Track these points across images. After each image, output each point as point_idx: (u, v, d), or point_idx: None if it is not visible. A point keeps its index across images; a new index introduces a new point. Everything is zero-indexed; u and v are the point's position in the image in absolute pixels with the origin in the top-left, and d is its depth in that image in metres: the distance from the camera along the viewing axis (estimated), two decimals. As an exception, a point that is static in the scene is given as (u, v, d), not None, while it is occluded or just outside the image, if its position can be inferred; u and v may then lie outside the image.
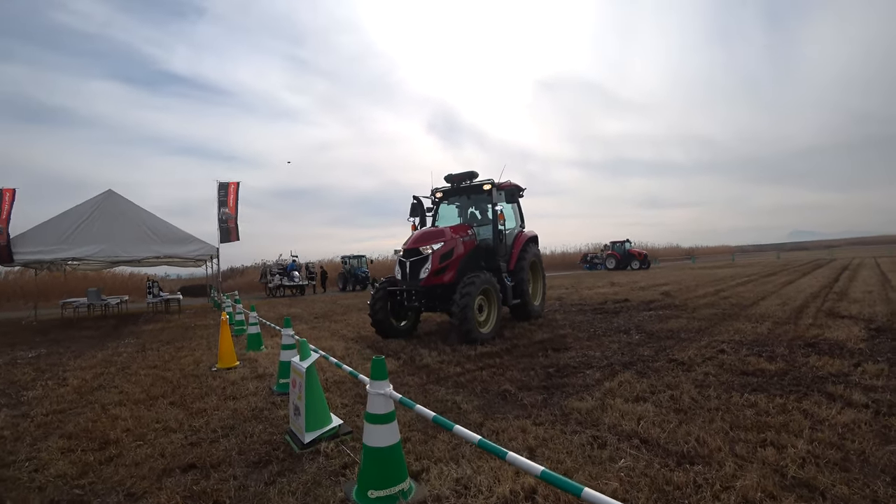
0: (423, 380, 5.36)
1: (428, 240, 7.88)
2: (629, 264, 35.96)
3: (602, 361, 5.99)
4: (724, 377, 5.07)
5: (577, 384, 4.98)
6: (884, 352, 5.91)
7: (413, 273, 7.80)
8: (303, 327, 10.88)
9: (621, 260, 36.53)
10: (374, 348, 7.45)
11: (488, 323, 7.79)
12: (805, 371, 5.19)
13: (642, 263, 35.74)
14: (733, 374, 5.16)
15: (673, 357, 6.05)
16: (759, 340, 6.90)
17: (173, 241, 14.83)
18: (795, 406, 4.05)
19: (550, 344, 7.22)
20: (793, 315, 9.15)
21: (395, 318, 8.46)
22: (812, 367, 5.31)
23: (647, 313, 10.35)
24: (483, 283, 7.48)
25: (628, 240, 38.05)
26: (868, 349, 6.09)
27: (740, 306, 10.80)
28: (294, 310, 16.34)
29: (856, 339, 6.71)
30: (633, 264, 35.80)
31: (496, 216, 8.65)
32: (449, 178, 9.41)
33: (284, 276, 26.77)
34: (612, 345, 7.01)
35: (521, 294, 9.17)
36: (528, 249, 9.77)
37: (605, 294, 15.50)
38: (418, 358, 6.49)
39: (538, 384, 5.04)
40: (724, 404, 4.18)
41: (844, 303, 10.59)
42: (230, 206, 18.42)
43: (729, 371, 5.31)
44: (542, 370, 5.62)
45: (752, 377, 5.06)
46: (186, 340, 9.78)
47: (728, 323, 8.55)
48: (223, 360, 6.66)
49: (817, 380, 4.83)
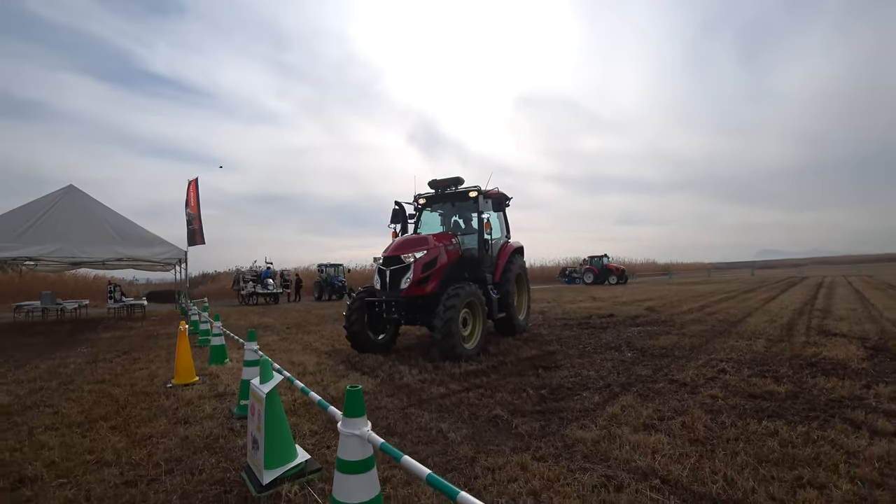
0: (403, 402, 4.78)
1: (410, 247, 7.35)
2: (607, 279, 36.11)
3: (598, 382, 5.53)
4: (733, 400, 4.66)
5: (575, 408, 4.49)
6: (888, 372, 5.70)
7: (393, 283, 7.24)
8: (273, 339, 10.16)
9: (599, 274, 36.68)
10: (349, 364, 6.81)
11: (473, 338, 7.27)
12: (816, 394, 4.87)
13: (619, 278, 35.89)
14: (742, 398, 4.77)
15: (673, 377, 5.63)
16: (758, 359, 6.59)
17: (138, 242, 13.85)
18: (820, 435, 3.67)
19: (540, 361, 6.73)
20: (784, 332, 8.91)
21: (373, 330, 7.85)
22: (822, 390, 4.99)
23: (635, 329, 9.99)
24: (468, 294, 6.97)
25: (606, 255, 38.31)
26: (872, 369, 5.87)
27: (728, 323, 10.55)
28: (266, 319, 15.53)
29: (856, 358, 6.48)
30: (611, 279, 35.94)
31: (482, 225, 8.17)
32: (433, 183, 8.92)
33: (258, 283, 25.77)
34: (605, 363, 6.56)
35: (507, 307, 8.68)
36: (513, 261, 9.31)
37: (588, 308, 15.15)
38: (397, 376, 5.90)
39: (532, 408, 4.53)
40: (743, 433, 3.75)
41: (831, 320, 10.44)
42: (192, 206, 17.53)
43: (736, 393, 4.92)
44: (535, 392, 5.11)
45: (762, 400, 4.68)
46: (145, 351, 8.98)
47: (720, 340, 8.23)
48: (180, 375, 5.97)
49: (832, 404, 4.50)
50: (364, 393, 5.28)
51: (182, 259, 15.56)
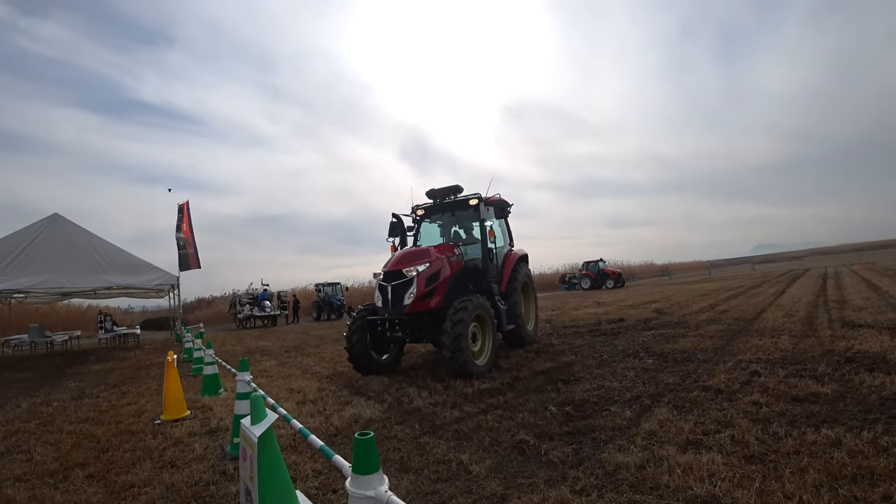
0: (415, 430, 4.30)
1: (412, 261, 6.91)
2: (604, 283, 35.87)
3: (625, 394, 5.08)
4: (777, 406, 4.23)
5: (606, 426, 4.04)
6: None
7: (396, 298, 6.78)
8: (271, 363, 9.65)
9: (596, 279, 36.46)
10: (353, 388, 6.31)
11: (483, 353, 6.80)
12: (865, 392, 4.45)
13: (616, 282, 35.62)
14: (786, 402, 4.34)
15: (705, 384, 5.19)
16: (788, 358, 6.17)
17: (128, 269, 13.32)
18: (890, 441, 3.24)
19: (557, 374, 6.27)
20: (807, 327, 8.50)
21: (376, 350, 7.36)
22: (871, 388, 4.57)
23: (649, 333, 9.55)
24: (476, 307, 6.52)
25: (602, 259, 38.23)
26: (915, 362, 5.43)
27: (744, 320, 10.12)
28: (263, 342, 15.01)
29: (892, 350, 6.08)
30: (608, 283, 35.68)
31: (485, 233, 7.76)
32: (431, 193, 8.51)
33: (255, 306, 25.21)
34: (627, 372, 6.11)
35: (515, 318, 8.23)
36: (519, 269, 8.89)
37: (596, 314, 14.70)
38: (406, 400, 5.41)
39: (559, 429, 4.07)
40: (802, 445, 3.32)
41: (850, 311, 10.05)
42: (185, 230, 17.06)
43: (779, 398, 4.49)
44: (559, 409, 4.65)
45: (809, 404, 4.25)
46: (135, 383, 8.47)
47: (742, 339, 7.80)
48: (170, 409, 5.48)
49: (887, 403, 4.09)
50: (371, 422, 4.82)
51: (174, 285, 15.04)
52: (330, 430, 4.42)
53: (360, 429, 4.41)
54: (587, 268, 38.10)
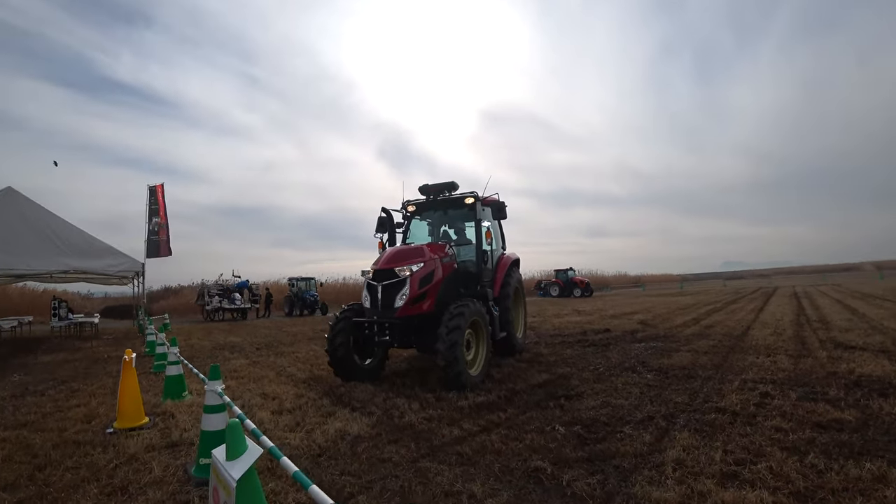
0: (411, 451, 3.79)
1: (405, 259, 6.39)
2: (572, 292, 36.80)
3: (635, 413, 4.69)
4: (804, 433, 3.93)
5: (627, 452, 3.62)
6: None
7: (386, 300, 6.22)
8: (241, 362, 8.96)
9: (564, 287, 37.35)
10: (335, 396, 5.72)
11: (477, 363, 6.31)
12: (889, 420, 4.22)
13: (584, 291, 36.55)
14: (811, 429, 4.07)
15: (717, 405, 4.87)
16: (793, 379, 5.95)
17: (88, 253, 12.31)
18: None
19: (556, 388, 5.86)
20: (799, 346, 8.36)
21: (359, 354, 6.81)
22: (890, 415, 4.35)
23: (639, 345, 9.29)
24: (473, 313, 6.04)
25: (571, 268, 39.19)
26: (925, 388, 5.26)
27: (733, 337, 9.97)
28: (233, 338, 14.18)
29: (894, 374, 5.95)
30: (576, 292, 36.59)
31: (481, 234, 7.30)
32: (425, 189, 8.00)
33: (224, 297, 24.13)
34: (629, 388, 5.75)
35: (507, 325, 7.79)
36: (512, 274, 8.46)
37: (579, 323, 14.43)
38: (396, 413, 4.88)
39: (574, 454, 3.64)
40: (848, 481, 3.03)
41: (836, 332, 10.00)
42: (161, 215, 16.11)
43: (802, 424, 4.21)
44: (568, 430, 4.22)
45: (836, 432, 3.97)
46: (88, 380, 7.70)
47: (738, 357, 7.58)
48: (125, 416, 4.81)
49: None
50: (360, 439, 4.11)
51: (139, 272, 14.11)
52: (313, 448, 3.86)
53: (348, 446, 3.88)
54: (557, 276, 39.06)
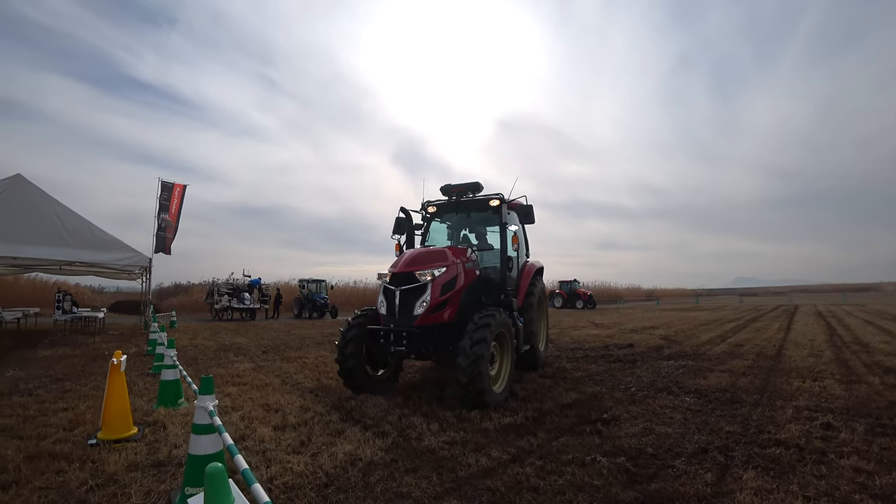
0: (433, 484, 3.24)
1: (426, 263, 5.86)
2: (574, 303, 37.17)
3: (683, 443, 4.12)
4: (890, 477, 3.36)
5: (688, 494, 3.07)
6: None
7: (404, 307, 5.67)
8: (245, 366, 8.49)
9: (567, 299, 37.61)
10: (344, 412, 5.17)
11: (500, 379, 5.74)
12: None
13: (587, 303, 36.82)
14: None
15: (776, 437, 4.31)
16: (852, 408, 5.36)
17: (96, 245, 11.88)
18: None
19: (588, 410, 5.28)
20: (844, 370, 7.72)
21: (371, 363, 6.28)
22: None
23: (668, 363, 8.67)
24: (499, 325, 5.47)
25: (576, 280, 39.35)
26: None
27: (767, 357, 9.31)
28: (239, 338, 13.77)
29: (968, 409, 5.26)
30: (578, 303, 36.92)
31: (507, 239, 6.77)
32: (447, 189, 7.49)
33: (234, 297, 23.81)
34: (670, 413, 5.16)
35: (531, 338, 7.23)
36: (536, 283, 7.92)
37: (599, 337, 13.80)
38: (413, 434, 4.34)
39: (626, 494, 3.07)
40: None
41: (880, 356, 9.28)
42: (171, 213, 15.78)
43: (882, 464, 3.67)
44: (611, 462, 3.66)
45: None
46: (83, 379, 7.27)
47: (780, 379, 6.97)
48: (110, 426, 4.31)
49: None
50: (373, 467, 3.35)
51: (146, 267, 13.73)
52: (319, 476, 3.31)
53: (360, 475, 3.34)
54: (561, 287, 39.25)
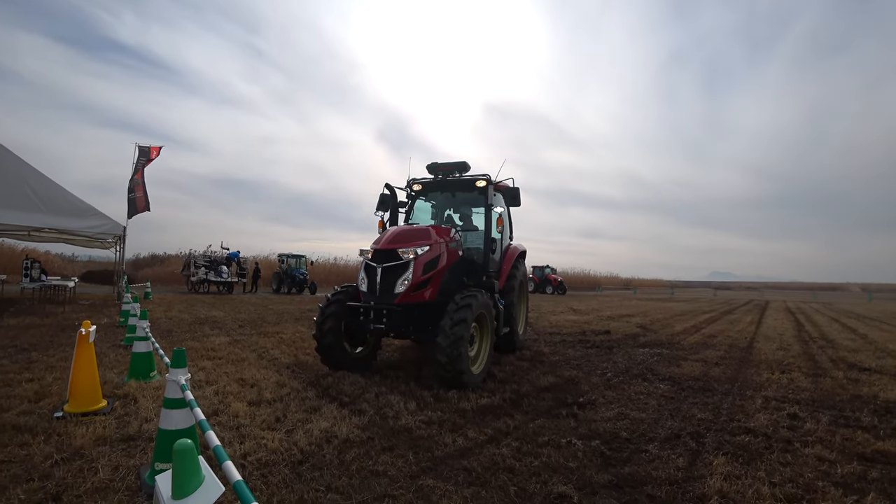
0: (409, 462, 3.24)
1: (409, 240, 5.81)
2: (545, 288, 38.25)
3: (657, 429, 4.21)
4: (852, 467, 3.49)
5: (660, 478, 3.13)
6: None
7: (385, 284, 5.64)
8: (221, 340, 8.37)
9: (539, 284, 38.48)
10: (320, 388, 5.15)
11: (479, 360, 5.76)
12: (938, 456, 3.78)
13: (556, 289, 38.15)
14: (858, 461, 3.63)
15: (745, 425, 4.43)
16: (818, 400, 5.54)
17: (67, 211, 11.52)
18: None
19: (565, 394, 5.35)
20: (811, 364, 7.97)
21: (349, 341, 6.24)
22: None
23: (643, 351, 8.84)
24: (480, 306, 5.48)
25: (548, 266, 40.35)
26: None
27: (738, 348, 9.56)
28: (216, 312, 13.55)
29: (926, 403, 5.49)
30: (548, 289, 38.08)
31: (491, 221, 6.74)
32: (433, 167, 7.41)
33: (210, 269, 23.41)
34: (644, 399, 5.26)
35: (511, 321, 7.27)
36: (518, 267, 7.95)
37: (576, 322, 14.00)
38: (390, 412, 4.33)
39: (601, 478, 3.12)
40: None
41: (845, 352, 9.59)
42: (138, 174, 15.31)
43: (844, 454, 3.78)
44: (586, 445, 3.71)
45: (883, 465, 3.58)
46: (50, 350, 7.08)
47: (752, 371, 7.16)
48: (78, 399, 4.18)
49: None
50: (349, 444, 3.29)
51: (120, 236, 13.39)
52: (294, 453, 3.28)
53: (335, 453, 3.32)
54: (534, 272, 39.88)
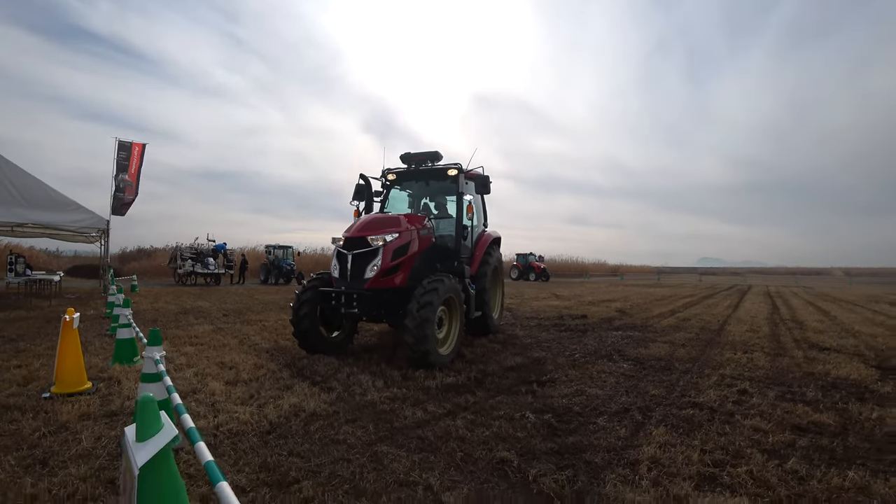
0: (369, 433, 3.52)
1: (379, 228, 6.05)
2: (528, 275, 38.65)
3: (609, 404, 4.49)
4: (784, 436, 3.76)
5: (599, 446, 3.41)
6: None
7: (356, 270, 5.91)
8: (205, 328, 8.59)
9: (522, 271, 39.02)
10: (295, 369, 5.43)
11: (448, 341, 6.06)
12: (868, 426, 4.08)
13: (539, 276, 38.40)
14: (791, 431, 3.90)
15: (695, 400, 4.71)
16: (771, 377, 5.83)
17: (48, 206, 11.52)
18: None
19: (529, 373, 5.64)
20: (775, 345, 8.30)
21: (326, 326, 6.50)
22: (871, 421, 4.22)
23: (616, 333, 9.15)
24: (448, 290, 5.76)
25: (532, 253, 40.70)
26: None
27: (709, 331, 9.90)
28: (202, 302, 13.74)
29: (870, 378, 5.88)
30: (531, 276, 38.41)
31: (462, 208, 6.99)
32: (406, 157, 7.64)
33: (197, 261, 23.50)
34: (605, 377, 5.56)
35: (483, 305, 7.56)
36: (492, 252, 8.21)
37: (557, 307, 14.32)
38: (358, 390, 4.60)
39: (544, 445, 3.40)
40: (831, 490, 2.85)
41: (811, 333, 9.99)
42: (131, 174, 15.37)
43: (781, 425, 4.05)
44: (538, 418, 4.00)
45: (816, 435, 3.83)
46: (37, 340, 7.25)
47: (715, 351, 7.47)
48: (64, 381, 4.45)
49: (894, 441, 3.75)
50: (315, 417, 3.69)
51: (104, 230, 13.45)
52: (263, 424, 3.56)
53: (301, 424, 3.58)
54: (517, 259, 40.36)
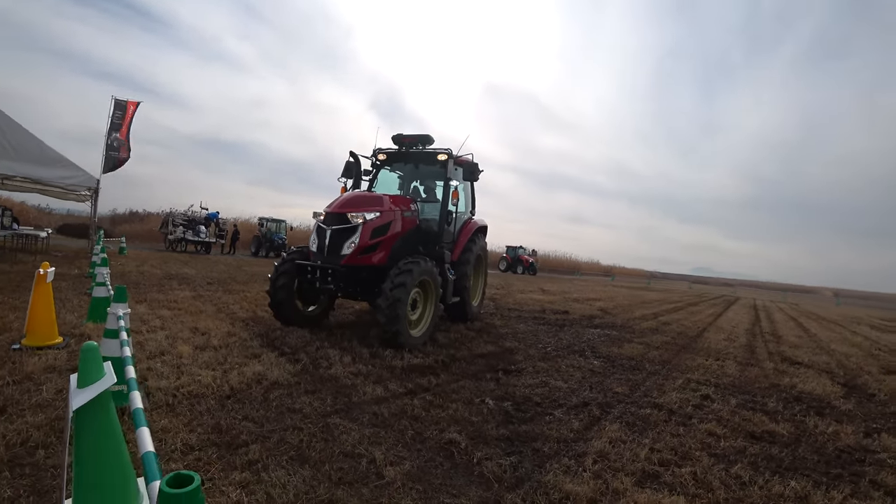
0: (325, 404, 3.56)
1: (360, 206, 6.05)
2: (516, 268, 39.15)
3: (570, 397, 4.55)
4: (735, 442, 3.83)
5: (551, 436, 3.46)
6: (876, 417, 5.15)
7: (333, 245, 5.92)
8: (185, 294, 8.58)
9: (511, 263, 39.48)
10: (266, 339, 5.46)
11: (421, 323, 6.11)
12: (821, 440, 4.15)
13: (527, 269, 38.98)
14: (744, 438, 3.98)
15: (656, 401, 4.77)
16: (737, 385, 5.91)
17: (39, 160, 11.35)
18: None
19: (498, 361, 5.70)
20: (749, 355, 8.40)
21: (303, 300, 6.52)
22: (824, 434, 4.30)
23: (594, 331, 9.23)
24: (422, 272, 5.79)
25: (521, 246, 41.02)
26: (859, 412, 5.28)
27: (687, 336, 10.00)
28: (187, 269, 13.70)
29: (835, 395, 5.94)
30: (519, 269, 38.94)
31: (448, 193, 6.99)
32: (398, 138, 7.60)
33: (189, 229, 23.37)
34: (572, 371, 5.62)
35: (462, 291, 7.59)
36: (476, 240, 8.22)
37: (541, 302, 14.40)
38: (324, 363, 4.65)
39: (496, 431, 3.45)
40: (770, 498, 2.91)
41: (786, 347, 10.10)
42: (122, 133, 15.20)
43: (736, 431, 4.12)
44: (497, 405, 4.05)
45: (767, 444, 3.90)
46: (16, 294, 7.22)
47: (688, 356, 7.56)
48: (35, 334, 4.47)
49: (843, 456, 3.84)
50: (276, 386, 3.77)
51: (94, 189, 13.33)
52: (223, 389, 3.59)
53: (262, 392, 3.61)
54: (507, 252, 40.60)
